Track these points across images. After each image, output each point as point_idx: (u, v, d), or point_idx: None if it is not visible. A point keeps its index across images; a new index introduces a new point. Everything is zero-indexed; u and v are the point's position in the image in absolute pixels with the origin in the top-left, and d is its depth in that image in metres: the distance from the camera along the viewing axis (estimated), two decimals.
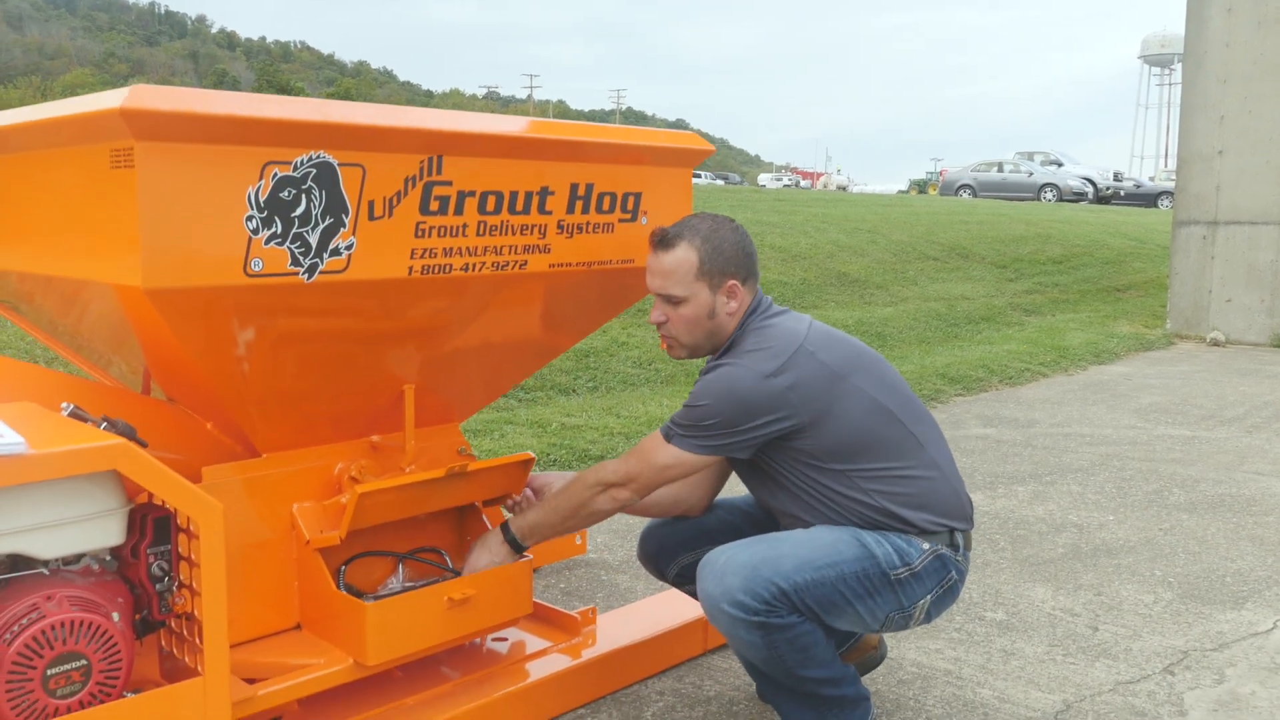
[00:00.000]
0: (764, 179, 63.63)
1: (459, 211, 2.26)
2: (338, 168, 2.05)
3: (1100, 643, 3.22)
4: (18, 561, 1.88)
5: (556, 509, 2.48)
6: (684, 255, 2.38)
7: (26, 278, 2.28)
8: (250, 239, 1.96)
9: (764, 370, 2.29)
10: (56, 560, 1.91)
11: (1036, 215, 19.31)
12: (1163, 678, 2.98)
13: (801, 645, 2.26)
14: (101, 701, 1.88)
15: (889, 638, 3.20)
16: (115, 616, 1.93)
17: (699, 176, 57.00)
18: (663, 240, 2.41)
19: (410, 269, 2.20)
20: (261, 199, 1.96)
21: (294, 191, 2.00)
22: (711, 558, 2.31)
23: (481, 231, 2.31)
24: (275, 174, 1.97)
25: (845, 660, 2.72)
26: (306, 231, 2.03)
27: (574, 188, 2.47)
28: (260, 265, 1.98)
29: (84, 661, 1.86)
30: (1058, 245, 15.82)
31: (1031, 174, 29.74)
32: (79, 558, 1.96)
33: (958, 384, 7.55)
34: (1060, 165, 31.00)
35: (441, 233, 2.24)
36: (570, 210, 2.47)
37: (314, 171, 2.02)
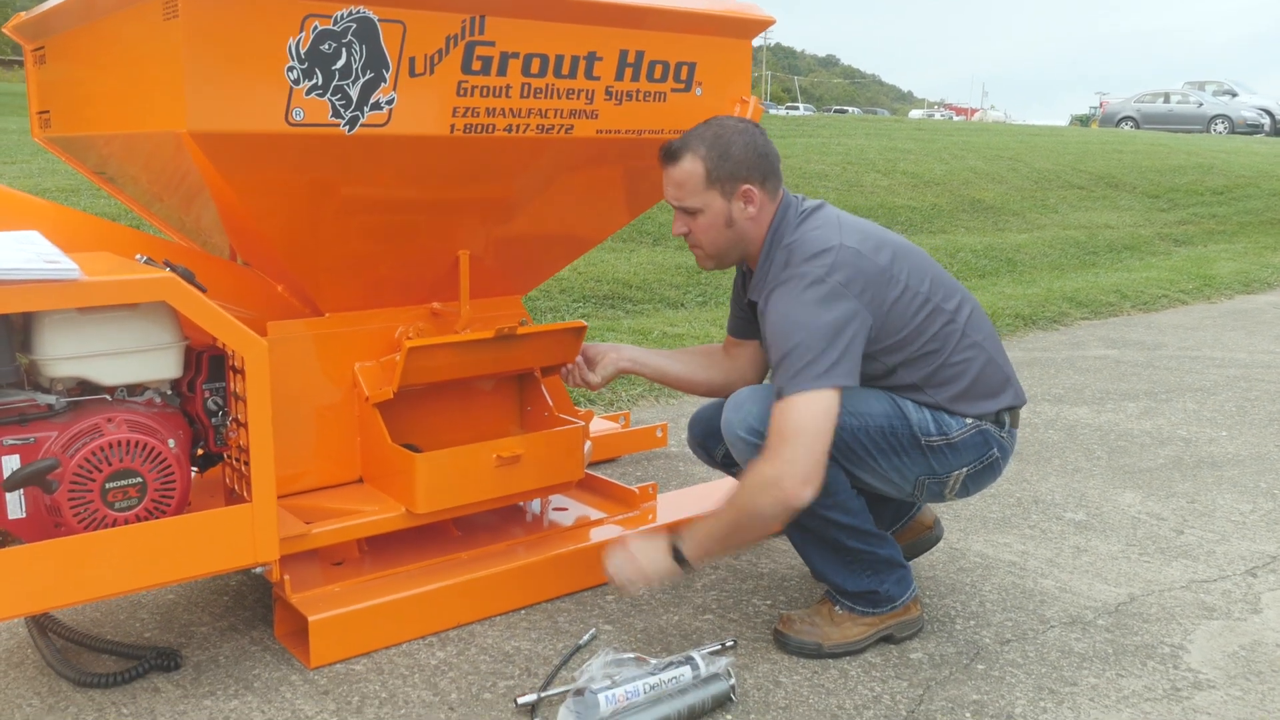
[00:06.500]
0: (915, 114, 61.53)
1: (502, 72, 2.29)
2: (378, 23, 2.11)
3: (1183, 545, 3.10)
4: (86, 388, 2.05)
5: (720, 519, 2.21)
6: (690, 166, 2.30)
7: (105, 139, 2.44)
8: (291, 89, 2.04)
9: (823, 277, 2.17)
10: (120, 388, 2.07)
11: (1201, 146, 18.12)
12: (1242, 578, 2.85)
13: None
14: (156, 518, 2.04)
15: (954, 530, 3.16)
16: (171, 443, 2.08)
17: (845, 111, 55.51)
18: (668, 153, 2.34)
19: (452, 127, 2.26)
20: (302, 51, 2.04)
21: (334, 45, 2.07)
22: (737, 392, 2.34)
23: (525, 94, 2.34)
24: (316, 27, 2.04)
25: (898, 539, 2.70)
26: (347, 84, 2.10)
27: (623, 54, 2.47)
28: (302, 115, 2.07)
29: (139, 479, 2.02)
30: (1220, 176, 14.83)
31: (1201, 104, 27.78)
32: (142, 390, 2.12)
33: (1085, 307, 7.24)
34: (1235, 95, 28.85)
35: (484, 92, 2.28)
36: (619, 77, 2.48)
37: (354, 26, 2.09)
